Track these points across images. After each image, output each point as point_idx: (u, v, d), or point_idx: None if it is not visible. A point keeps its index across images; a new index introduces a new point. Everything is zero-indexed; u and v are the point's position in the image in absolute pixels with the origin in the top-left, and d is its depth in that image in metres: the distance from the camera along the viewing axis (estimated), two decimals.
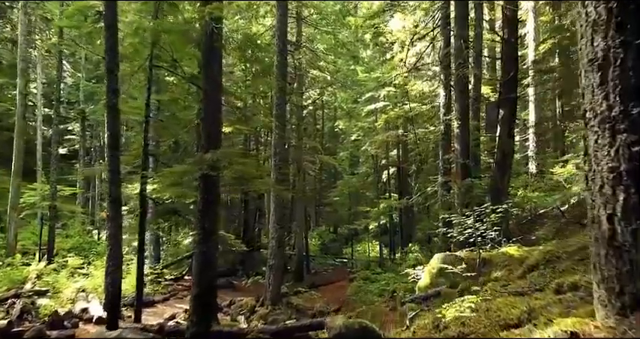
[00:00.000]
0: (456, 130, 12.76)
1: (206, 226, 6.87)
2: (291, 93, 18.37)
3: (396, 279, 16.94)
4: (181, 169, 7.14)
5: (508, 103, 12.09)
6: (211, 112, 6.99)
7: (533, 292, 4.16)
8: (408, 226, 25.72)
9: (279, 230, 14.36)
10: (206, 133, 6.98)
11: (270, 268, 14.48)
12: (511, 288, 4.65)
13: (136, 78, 10.65)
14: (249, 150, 26.91)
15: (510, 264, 7.80)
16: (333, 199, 29.42)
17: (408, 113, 19.61)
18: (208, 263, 6.83)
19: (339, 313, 15.40)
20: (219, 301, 16.21)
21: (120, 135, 12.27)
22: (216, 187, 6.99)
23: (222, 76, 9.98)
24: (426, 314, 5.03)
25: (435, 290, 7.85)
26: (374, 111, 24.19)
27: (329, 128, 35.58)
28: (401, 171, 24.98)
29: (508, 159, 12.05)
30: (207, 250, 6.79)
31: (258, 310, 14.18)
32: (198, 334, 6.51)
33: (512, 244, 9.28)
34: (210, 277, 6.84)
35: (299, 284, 19.90)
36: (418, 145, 20.13)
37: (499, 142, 12.20)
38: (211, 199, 6.95)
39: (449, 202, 12.81)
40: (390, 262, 21.32)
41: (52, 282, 13.97)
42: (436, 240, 22.46)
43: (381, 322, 6.72)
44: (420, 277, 9.53)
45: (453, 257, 8.56)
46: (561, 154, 22.78)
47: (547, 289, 3.95)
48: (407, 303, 7.81)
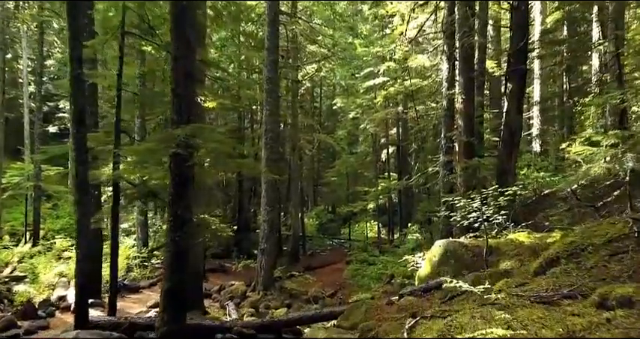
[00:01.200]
0: (459, 105, 11.84)
1: (179, 213, 6.05)
2: (284, 67, 17.35)
3: (394, 262, 16.27)
4: (143, 148, 6.25)
5: (517, 75, 11.13)
6: (182, 82, 6.10)
7: (562, 299, 3.36)
8: (408, 205, 24.98)
9: (270, 212, 13.58)
10: (177, 105, 6.09)
11: (262, 252, 13.76)
12: (531, 291, 3.84)
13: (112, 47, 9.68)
14: (244, 128, 26.00)
15: (521, 253, 7.01)
16: (330, 179, 28.58)
17: (409, 89, 18.60)
18: (181, 254, 6.03)
19: (334, 297, 14.80)
20: (209, 286, 15.61)
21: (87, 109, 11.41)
22: (190, 167, 6.13)
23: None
24: (429, 323, 4.24)
25: (437, 282, 7.07)
26: (373, 87, 23.15)
27: (327, 106, 34.55)
28: (401, 150, 24.09)
29: (516, 137, 11.16)
30: (179, 239, 5.98)
31: (249, 296, 13.51)
32: (170, 334, 5.74)
33: (521, 230, 8.49)
34: (183, 270, 6.04)
35: (294, 266, 19.25)
36: (419, 122, 19.20)
37: (506, 119, 11.30)
38: (184, 181, 6.10)
39: (451, 182, 11.96)
40: (388, 244, 20.60)
41: (29, 267, 13.25)
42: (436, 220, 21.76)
43: (375, 321, 5.95)
44: (420, 266, 8.77)
45: (457, 244, 7.78)
46: (568, 132, 21.94)
47: (583, 298, 3.16)
48: (405, 295, 7.05)
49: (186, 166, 6.09)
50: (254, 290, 13.74)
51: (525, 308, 3.21)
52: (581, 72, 23.71)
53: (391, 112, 21.47)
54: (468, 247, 7.70)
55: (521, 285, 4.31)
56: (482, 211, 7.45)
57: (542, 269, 4.99)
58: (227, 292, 13.36)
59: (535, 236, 7.66)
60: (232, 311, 11.22)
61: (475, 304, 4.86)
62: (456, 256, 7.62)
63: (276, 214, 14.80)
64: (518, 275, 5.58)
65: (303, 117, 25.16)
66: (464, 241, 7.89)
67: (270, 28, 13.73)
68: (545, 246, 6.87)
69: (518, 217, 9.73)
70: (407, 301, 6.66)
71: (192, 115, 6.22)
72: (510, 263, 6.68)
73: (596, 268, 4.11)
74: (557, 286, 3.85)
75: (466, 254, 7.58)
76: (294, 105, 20.71)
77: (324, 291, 15.24)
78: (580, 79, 23.66)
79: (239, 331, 7.39)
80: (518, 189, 7.58)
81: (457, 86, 12.17)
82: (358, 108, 24.53)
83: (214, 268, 17.99)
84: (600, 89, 17.12)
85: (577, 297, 3.32)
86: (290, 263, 20.07)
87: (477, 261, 7.45)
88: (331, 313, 7.38)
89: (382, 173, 27.24)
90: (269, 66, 13.74)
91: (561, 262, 4.81)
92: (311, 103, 31.49)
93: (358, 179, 30.42)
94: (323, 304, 13.56)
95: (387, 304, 6.76)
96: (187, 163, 5.93)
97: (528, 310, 3.07)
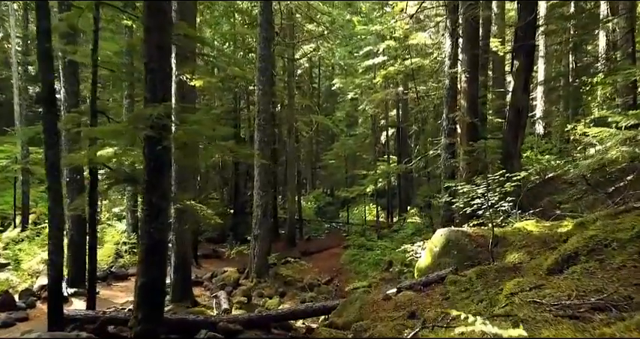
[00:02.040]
0: (462, 84, 11.17)
1: (154, 202, 5.45)
2: (279, 44, 16.55)
3: (393, 248, 15.78)
4: (110, 129, 5.56)
5: (524, 51, 10.42)
6: (156, 56, 5.44)
7: (591, 310, 2.79)
8: (407, 188, 24.41)
9: (264, 197, 13.01)
10: (150, 81, 5.44)
11: (255, 238, 13.23)
12: (551, 298, 3.26)
13: None
14: (240, 109, 25.27)
15: (530, 244, 6.44)
16: (328, 162, 27.95)
17: (409, 68, 17.83)
18: (156, 247, 5.46)
19: (330, 284, 14.32)
20: (203, 272, 15.14)
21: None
22: (165, 151, 5.51)
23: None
24: (430, 336, 3.67)
25: (438, 274, 6.53)
26: (372, 67, 22.35)
27: (326, 87, 33.72)
28: (400, 132, 23.40)
29: (522, 117, 10.51)
30: (154, 230, 5.40)
31: (242, 284, 13.03)
32: (145, 334, 5.21)
33: (529, 218, 7.92)
34: (159, 264, 5.48)
35: (291, 251, 18.78)
36: (419, 102, 18.47)
37: (512, 98, 10.63)
38: (159, 167, 5.49)
39: (453, 166, 11.36)
40: (387, 228, 20.08)
41: (13, 253, 12.73)
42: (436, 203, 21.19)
43: (370, 321, 5.41)
44: (420, 256, 8.22)
45: (460, 234, 7.21)
46: (574, 113, 21.22)
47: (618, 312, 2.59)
48: (403, 289, 6.50)
49: (161, 149, 5.46)
50: (247, 277, 13.27)
51: (548, 325, 2.63)
52: (587, 51, 22.87)
53: (391, 93, 20.72)
54: (471, 236, 7.14)
55: (537, 287, 3.72)
56: (487, 198, 6.86)
57: (559, 267, 4.41)
58: (219, 280, 12.88)
59: (544, 225, 7.08)
60: (223, 301, 10.73)
61: (482, 308, 4.31)
62: (458, 247, 7.06)
63: (270, 198, 14.23)
64: (530, 271, 5.01)
65: (301, 98, 24.41)
66: (467, 230, 7.31)
67: (264, 3, 12.95)
68: (557, 236, 6.30)
69: (522, 202, 9.16)
70: (405, 297, 6.12)
71: (167, 92, 5.57)
72: (519, 256, 6.11)
73: (625, 269, 3.52)
74: (581, 291, 3.27)
75: (470, 245, 7.02)
76: (291, 85, 19.97)
77: (320, 277, 14.77)
78: (586, 58, 22.83)
79: (225, 327, 6.88)
80: (527, 174, 6.95)
81: (460, 64, 11.47)
82: (357, 88, 23.76)
83: (208, 254, 17.51)
84: (609, 68, 16.39)
85: (610, 309, 2.75)
86: (286, 248, 19.63)
87: (481, 252, 6.89)
88: (324, 307, 6.86)
89: (381, 156, 26.61)
90: (262, 43, 12.99)
91: (580, 259, 4.24)
92: (309, 84, 30.67)
93: (357, 162, 29.79)
94: (318, 291, 13.12)
95: (383, 299, 6.22)
96: (160, 146, 5.30)
97: (554, 329, 2.50)
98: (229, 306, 10.40)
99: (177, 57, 9.92)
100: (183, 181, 10.29)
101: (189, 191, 10.47)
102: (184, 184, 10.27)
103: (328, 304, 6.88)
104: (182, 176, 10.06)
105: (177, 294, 10.14)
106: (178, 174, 10.00)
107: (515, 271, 5.36)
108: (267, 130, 13.04)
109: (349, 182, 28.05)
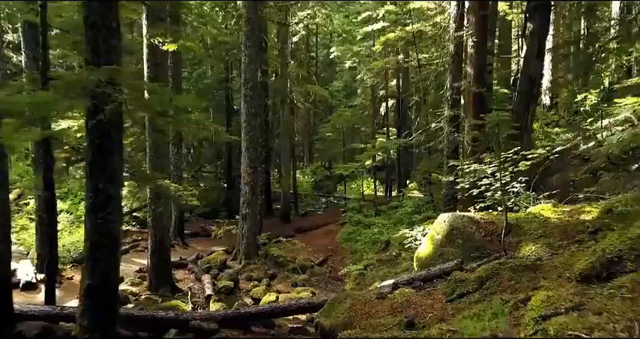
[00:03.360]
0: (469, 49, 10.04)
1: (100, 187, 4.50)
2: (268, 7, 15.27)
3: (391, 226, 14.96)
4: (37, 99, 4.45)
5: (539, 12, 9.28)
6: (98, 8, 4.39)
7: None
8: (407, 162, 23.45)
9: (252, 174, 12.07)
10: (91, 40, 4.42)
11: (244, 217, 12.36)
12: (604, 334, 2.35)
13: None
14: (232, 78, 24.04)
15: (548, 233, 5.53)
16: (325, 135, 26.89)
17: (410, 34, 16.57)
18: (105, 241, 4.55)
19: (323, 266, 13.56)
20: (190, 252, 14.35)
21: None
22: (114, 126, 4.53)
23: None
24: None
25: (441, 268, 5.66)
26: (371, 34, 21.02)
27: (324, 56, 32.32)
28: (400, 103, 22.24)
29: (535, 86, 9.49)
30: (102, 222, 4.48)
31: (229, 266, 12.24)
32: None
33: (544, 201, 6.98)
34: (109, 261, 4.58)
35: (285, 228, 17.99)
36: (420, 71, 17.29)
37: (524, 65, 9.56)
38: (107, 145, 4.52)
39: (456, 141, 10.36)
40: (385, 204, 19.19)
41: None
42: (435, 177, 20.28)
43: (360, 329, 4.55)
44: (420, 243, 7.33)
45: (466, 220, 6.28)
46: (583, 83, 20.06)
47: None
48: (400, 286, 5.63)
49: (107, 124, 4.47)
50: (235, 259, 12.46)
51: None
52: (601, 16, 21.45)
53: (391, 61, 19.49)
54: (479, 223, 6.22)
55: (576, 309, 2.81)
56: (500, 178, 5.91)
57: (595, 272, 3.50)
58: (204, 262, 12.06)
59: (563, 210, 6.15)
60: (207, 286, 9.93)
61: (499, 326, 3.41)
62: (464, 235, 6.15)
63: (259, 175, 13.28)
64: (554, 273, 4.11)
65: (297, 67, 23.15)
66: (474, 216, 6.39)
67: None
68: (580, 225, 5.39)
69: (535, 183, 8.21)
70: (402, 296, 5.26)
71: (112, 53, 4.54)
72: (536, 248, 5.21)
73: None
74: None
75: (477, 233, 6.11)
76: (284, 52, 18.72)
77: (313, 258, 14.00)
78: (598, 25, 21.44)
79: (198, 325, 6.05)
80: (545, 152, 5.98)
81: (467, 27, 10.31)
82: (355, 56, 22.47)
83: (196, 233, 16.69)
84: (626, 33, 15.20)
85: None
86: (280, 225, 18.83)
87: (490, 242, 6.00)
88: (309, 304, 6.02)
89: (380, 128, 25.54)
90: (248, 5, 11.78)
91: (626, 265, 3.31)
92: (306, 53, 29.30)
93: (355, 135, 28.71)
94: (311, 273, 12.34)
95: (377, 298, 5.35)
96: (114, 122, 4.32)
97: None
98: (213, 292, 9.61)
99: (147, 18, 8.82)
100: (160, 157, 9.31)
101: (165, 169, 9.51)
102: (161, 160, 9.30)
103: (314, 300, 6.03)
104: (157, 153, 9.08)
105: (155, 280, 9.32)
106: (153, 150, 9.04)
107: (535, 271, 4.46)
108: (255, 101, 11.97)
109: (347, 156, 27.07)
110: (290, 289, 11.01)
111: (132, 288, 9.38)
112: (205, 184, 26.32)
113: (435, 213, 14.31)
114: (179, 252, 13.76)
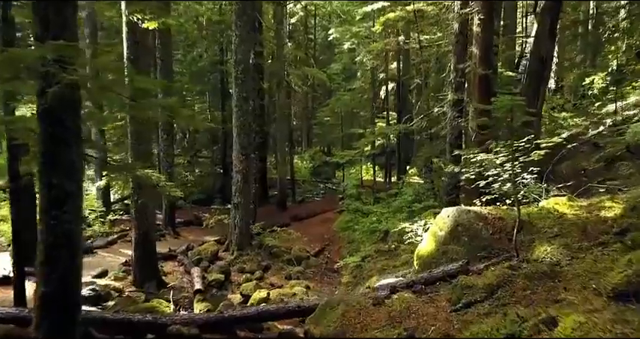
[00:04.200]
0: (475, 28, 9.33)
1: (55, 183, 3.91)
2: None
3: (390, 216, 14.38)
4: None
5: None
6: None
7: None
8: (407, 147, 22.77)
9: (244, 161, 11.46)
10: (40, 12, 3.77)
11: (236, 206, 11.78)
12: None
13: None
14: (226, 61, 23.24)
15: (565, 233, 4.94)
16: (324, 119, 26.18)
17: (410, 13, 15.78)
18: (62, 243, 3.97)
19: (319, 256, 13.02)
20: (181, 242, 13.80)
21: None
22: (71, 112, 3.91)
23: None
24: None
25: (445, 271, 5.09)
26: (370, 14, 20.17)
27: (323, 38, 31.43)
28: (401, 87, 21.48)
29: (546, 68, 8.83)
30: (56, 223, 3.89)
31: (221, 257, 11.71)
32: None
33: (557, 193, 6.39)
34: (68, 267, 4.00)
35: (280, 216, 17.45)
36: (422, 52, 16.53)
37: (535, 45, 8.88)
38: (61, 134, 3.91)
39: (460, 127, 9.72)
40: (384, 190, 18.59)
41: None
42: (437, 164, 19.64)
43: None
44: (422, 240, 6.75)
45: (472, 216, 5.70)
46: (591, 65, 19.30)
47: None
48: (399, 289, 5.07)
49: (62, 107, 3.86)
50: (227, 250, 11.93)
51: None
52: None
53: (391, 42, 18.70)
54: (487, 219, 5.63)
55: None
56: (513, 171, 5.30)
57: (633, 288, 2.91)
58: (195, 253, 11.51)
59: (580, 204, 5.55)
60: (196, 280, 9.39)
61: None
62: (470, 233, 5.58)
63: (252, 162, 12.66)
64: (577, 284, 3.53)
65: (295, 49, 22.36)
66: (481, 211, 5.80)
67: None
68: (602, 224, 4.81)
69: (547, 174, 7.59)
70: (402, 302, 4.70)
71: (67, 27, 3.89)
72: (551, 250, 4.62)
73: None
74: None
75: (484, 230, 5.53)
76: (280, 33, 17.93)
77: (309, 248, 13.46)
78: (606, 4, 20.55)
79: (176, 331, 5.51)
80: (562, 140, 5.36)
81: (472, 4, 9.59)
82: (354, 38, 21.63)
83: (189, 221, 16.12)
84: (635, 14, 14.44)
85: None
86: (276, 213, 18.30)
87: (499, 240, 5.42)
88: (299, 308, 5.47)
89: (380, 113, 24.82)
90: None
91: None
92: (304, 35, 28.44)
93: (354, 119, 27.98)
94: (306, 265, 11.82)
95: (373, 304, 4.79)
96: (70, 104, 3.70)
97: None
98: (203, 286, 9.09)
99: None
100: (143, 144, 8.69)
101: (148, 157, 8.91)
102: (144, 147, 8.69)
103: (304, 304, 5.48)
104: (139, 140, 8.46)
105: (139, 275, 8.78)
106: (135, 137, 8.42)
107: (554, 280, 3.89)
108: (247, 84, 11.28)
109: (346, 141, 26.38)
110: (284, 281, 10.50)
111: (115, 283, 8.85)
112: (201, 170, 25.72)
113: (436, 201, 13.76)
114: (169, 242, 13.25)
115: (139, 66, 8.22)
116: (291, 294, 8.78)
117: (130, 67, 8.24)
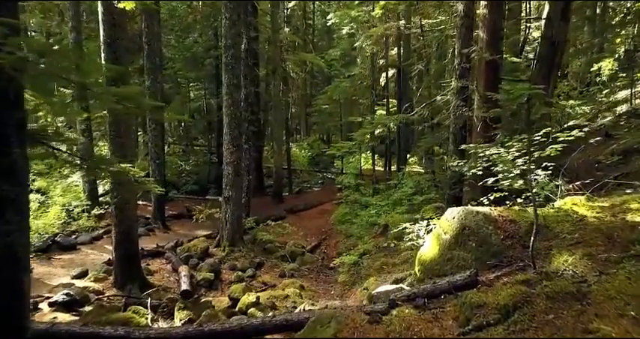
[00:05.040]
0: (482, 9, 8.65)
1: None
2: None
3: (389, 209, 13.80)
4: None
5: None
6: None
7: None
8: (407, 135, 22.11)
9: (235, 153, 10.84)
10: None
11: (227, 200, 11.19)
12: None
13: None
14: (219, 46, 22.43)
15: (587, 239, 4.33)
16: (322, 107, 25.45)
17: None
18: (4, 257, 3.36)
19: (315, 252, 12.46)
20: (171, 237, 13.22)
21: None
22: (9, 101, 3.28)
23: None
24: None
25: (451, 282, 4.50)
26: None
27: (322, 24, 30.58)
28: (402, 73, 20.73)
29: (558, 53, 8.13)
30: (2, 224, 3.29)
31: (212, 253, 11.15)
32: None
33: (574, 192, 5.77)
34: (9, 283, 3.41)
35: (276, 208, 16.87)
36: (423, 37, 15.78)
37: (546, 27, 8.18)
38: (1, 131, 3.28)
39: (465, 116, 9.07)
40: (384, 182, 17.97)
41: None
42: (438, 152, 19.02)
43: None
44: (425, 243, 6.15)
45: (480, 218, 5.08)
46: (599, 50, 18.54)
47: None
48: (399, 303, 4.49)
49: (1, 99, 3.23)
50: (218, 246, 11.37)
51: None
52: None
53: (391, 27, 17.91)
54: (497, 222, 5.03)
55: None
56: (529, 169, 4.68)
57: None
58: (184, 250, 10.95)
59: (602, 206, 4.94)
60: (184, 279, 8.83)
61: None
62: (478, 237, 4.97)
63: (243, 153, 12.02)
64: (609, 307, 2.94)
65: (292, 35, 21.54)
66: (490, 213, 5.18)
67: None
68: (630, 230, 4.21)
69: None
70: (402, 320, 4.11)
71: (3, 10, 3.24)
72: (573, 261, 4.02)
73: None
74: None
75: (494, 234, 4.92)
76: (275, 17, 17.15)
77: (305, 242, 12.92)
78: None
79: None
80: (583, 134, 4.73)
81: None
82: (353, 22, 20.83)
83: (180, 214, 15.52)
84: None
85: None
86: (272, 204, 17.72)
87: (511, 246, 4.82)
88: (286, 322, 4.88)
89: (380, 100, 24.07)
90: None
91: None
92: (302, 20, 27.59)
93: (354, 107, 27.25)
94: (301, 262, 11.27)
95: (369, 322, 4.21)
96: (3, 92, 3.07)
97: None
98: (190, 286, 8.55)
99: None
100: (123, 136, 8.05)
101: (128, 149, 8.27)
102: (123, 139, 8.04)
103: (292, 318, 4.90)
104: (118, 131, 7.81)
105: (120, 277, 8.21)
106: (113, 128, 7.78)
107: (581, 302, 3.29)
108: (237, 70, 10.61)
109: (345, 129, 25.65)
110: (277, 280, 9.96)
111: (95, 284, 8.28)
112: (197, 159, 25.07)
113: (437, 194, 13.15)
114: (158, 237, 12.66)
115: (117, 50, 7.55)
116: (284, 296, 8.23)
117: (106, 50, 7.59)
